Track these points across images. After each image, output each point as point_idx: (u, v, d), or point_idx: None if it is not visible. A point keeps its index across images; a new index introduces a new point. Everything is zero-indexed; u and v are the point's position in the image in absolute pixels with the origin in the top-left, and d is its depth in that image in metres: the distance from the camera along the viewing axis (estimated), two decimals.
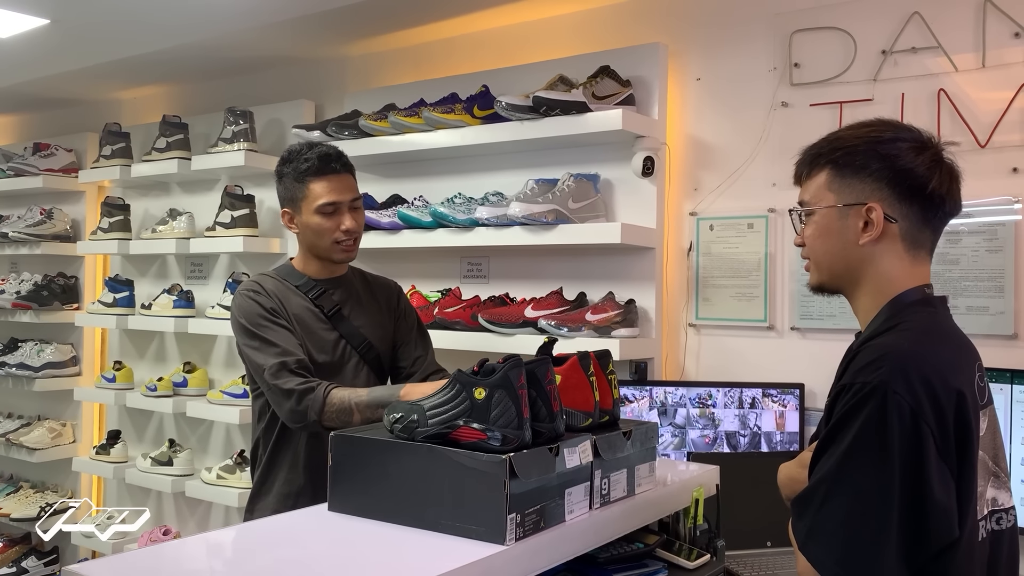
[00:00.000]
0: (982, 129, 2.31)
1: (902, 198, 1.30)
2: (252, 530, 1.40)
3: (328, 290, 2.18)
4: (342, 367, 2.14)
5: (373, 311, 2.25)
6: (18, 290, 4.28)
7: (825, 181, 1.35)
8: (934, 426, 1.16)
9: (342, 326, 2.16)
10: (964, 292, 2.32)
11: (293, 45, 3.53)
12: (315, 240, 2.14)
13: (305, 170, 2.12)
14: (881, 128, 1.34)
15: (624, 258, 2.76)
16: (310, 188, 2.11)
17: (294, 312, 2.12)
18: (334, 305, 2.17)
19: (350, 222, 2.13)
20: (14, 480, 4.60)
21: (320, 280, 2.19)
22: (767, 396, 2.53)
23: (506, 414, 1.33)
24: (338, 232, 2.12)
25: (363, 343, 2.18)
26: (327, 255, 2.16)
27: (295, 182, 2.13)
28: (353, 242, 2.17)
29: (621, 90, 2.67)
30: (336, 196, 2.12)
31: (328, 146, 2.19)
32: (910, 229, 1.31)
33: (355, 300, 2.23)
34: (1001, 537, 1.29)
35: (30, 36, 3.44)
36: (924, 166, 1.29)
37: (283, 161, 2.17)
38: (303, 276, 2.19)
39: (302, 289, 2.16)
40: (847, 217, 1.32)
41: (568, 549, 1.40)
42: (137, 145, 4.04)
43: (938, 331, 1.31)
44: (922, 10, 2.39)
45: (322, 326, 2.15)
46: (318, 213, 2.11)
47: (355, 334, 2.17)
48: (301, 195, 2.13)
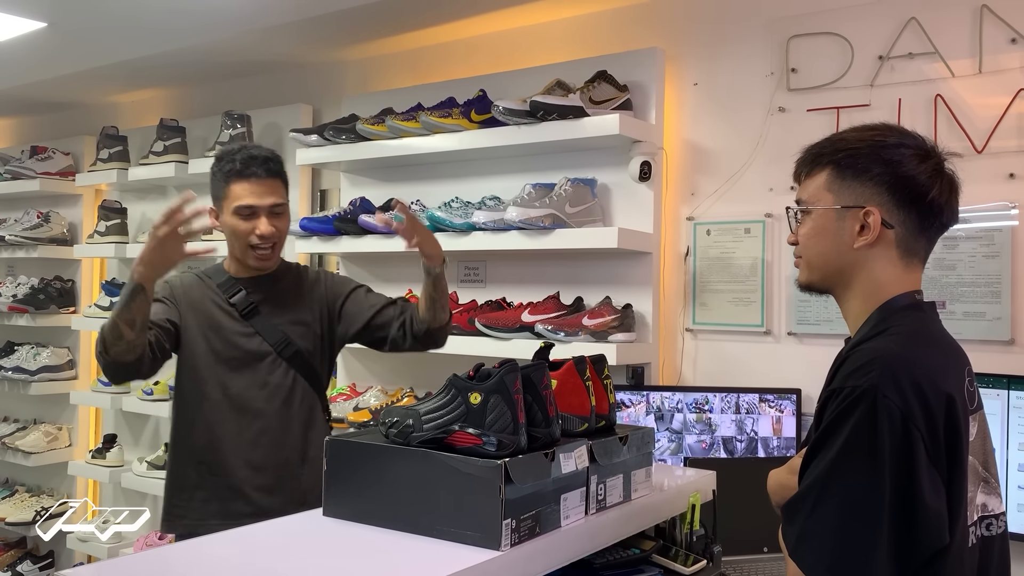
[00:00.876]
0: (979, 135, 2.31)
1: (901, 205, 1.29)
2: (246, 535, 1.39)
3: (245, 289, 2.19)
4: (255, 363, 2.16)
5: (299, 309, 2.24)
6: (14, 293, 4.27)
7: (825, 181, 1.34)
8: (924, 430, 1.15)
9: (257, 323, 2.17)
10: (961, 297, 2.32)
11: (291, 49, 3.53)
12: (233, 241, 2.16)
13: (228, 171, 2.13)
14: (886, 132, 1.33)
15: (621, 263, 2.76)
16: (231, 189, 2.12)
17: (201, 310, 2.16)
18: (249, 304, 2.18)
19: (266, 227, 2.12)
20: (10, 484, 4.59)
21: (240, 279, 2.21)
22: (764, 401, 2.53)
23: (502, 419, 1.33)
24: (252, 236, 2.12)
25: (280, 340, 2.18)
26: (242, 258, 2.17)
27: (220, 182, 2.15)
28: (271, 248, 2.16)
29: (618, 95, 2.67)
30: (254, 200, 2.11)
31: (260, 149, 2.19)
32: (906, 236, 1.31)
33: (278, 298, 2.22)
34: (991, 543, 1.28)
35: (27, 39, 3.43)
36: (926, 174, 1.28)
37: (216, 159, 2.19)
38: (225, 274, 2.22)
39: (221, 288, 2.19)
40: (844, 219, 1.32)
41: (564, 555, 1.40)
42: (134, 148, 4.04)
43: (928, 335, 1.30)
44: (919, 16, 2.40)
45: (235, 324, 2.17)
46: (235, 215, 2.12)
47: (271, 331, 2.18)
48: (223, 195, 2.14)
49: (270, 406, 2.16)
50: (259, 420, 2.15)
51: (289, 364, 2.19)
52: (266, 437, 2.16)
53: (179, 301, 2.16)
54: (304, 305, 2.26)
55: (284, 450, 2.17)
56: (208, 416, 2.14)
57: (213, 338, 2.15)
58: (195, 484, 2.15)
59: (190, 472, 2.16)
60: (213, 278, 2.22)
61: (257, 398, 2.15)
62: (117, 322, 1.91)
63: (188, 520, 2.14)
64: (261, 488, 2.14)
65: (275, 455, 2.16)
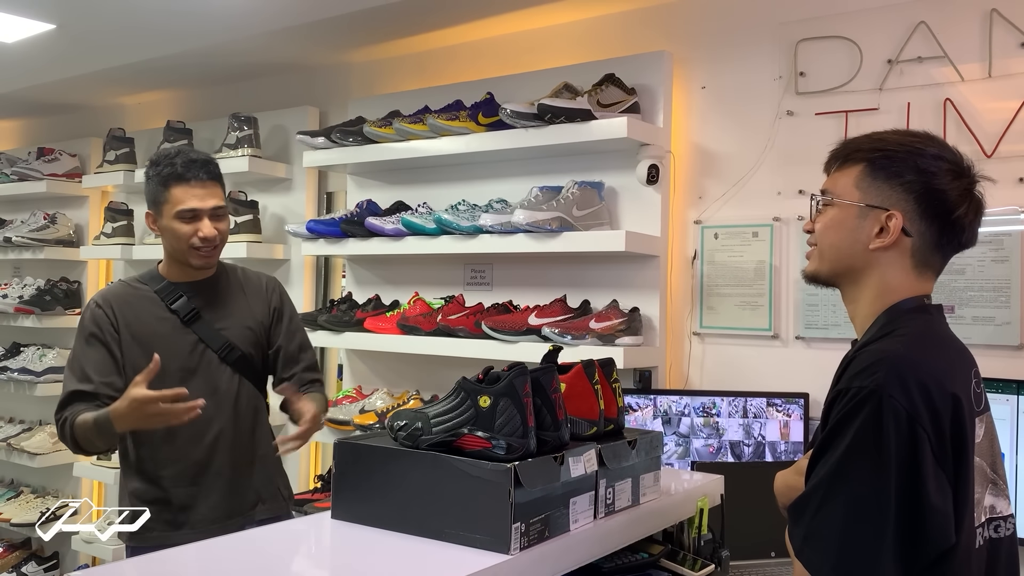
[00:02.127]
0: (988, 139, 2.31)
1: (924, 216, 1.29)
2: (254, 538, 1.39)
3: (185, 295, 2.19)
4: (198, 370, 2.16)
5: (241, 311, 2.24)
6: (21, 295, 4.28)
7: (856, 178, 1.34)
8: (930, 431, 1.15)
9: (199, 329, 2.17)
10: (970, 302, 2.31)
11: (298, 51, 3.53)
12: (174, 244, 2.15)
13: (168, 175, 2.12)
14: (926, 142, 1.32)
15: (628, 266, 2.75)
16: (171, 193, 2.12)
17: (143, 324, 2.14)
18: (191, 310, 2.17)
19: (208, 229, 2.13)
20: (15, 485, 4.59)
21: (180, 283, 2.20)
22: (771, 405, 2.52)
23: (511, 422, 1.32)
24: (195, 238, 2.12)
25: (223, 345, 2.18)
26: (184, 260, 2.17)
27: (159, 185, 2.14)
28: (213, 249, 2.16)
29: (626, 98, 2.67)
30: (196, 203, 2.12)
31: (197, 152, 2.21)
32: (922, 248, 1.30)
33: (219, 302, 2.23)
34: (999, 545, 1.28)
35: (36, 41, 3.44)
36: (956, 192, 1.28)
37: (151, 163, 2.18)
38: (163, 280, 2.21)
39: (160, 295, 2.18)
40: (865, 218, 1.32)
41: (572, 559, 1.39)
42: (141, 150, 4.05)
43: (934, 337, 1.30)
44: (928, 19, 2.39)
45: (177, 331, 2.16)
46: (177, 219, 2.12)
47: (214, 336, 2.18)
48: (163, 199, 2.13)
49: (221, 412, 2.16)
50: (212, 426, 2.15)
51: (233, 368, 2.20)
52: (221, 442, 2.17)
53: (117, 324, 2.13)
54: (246, 307, 2.26)
55: (236, 452, 2.19)
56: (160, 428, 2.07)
57: (158, 349, 2.08)
58: (154, 497, 2.14)
59: (147, 486, 2.15)
60: (149, 284, 2.20)
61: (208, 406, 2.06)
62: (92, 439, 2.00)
63: (156, 532, 2.11)
64: (218, 492, 2.16)
65: (229, 459, 2.17)
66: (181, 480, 2.14)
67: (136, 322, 2.14)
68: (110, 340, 2.12)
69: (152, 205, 2.17)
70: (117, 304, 2.16)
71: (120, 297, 2.18)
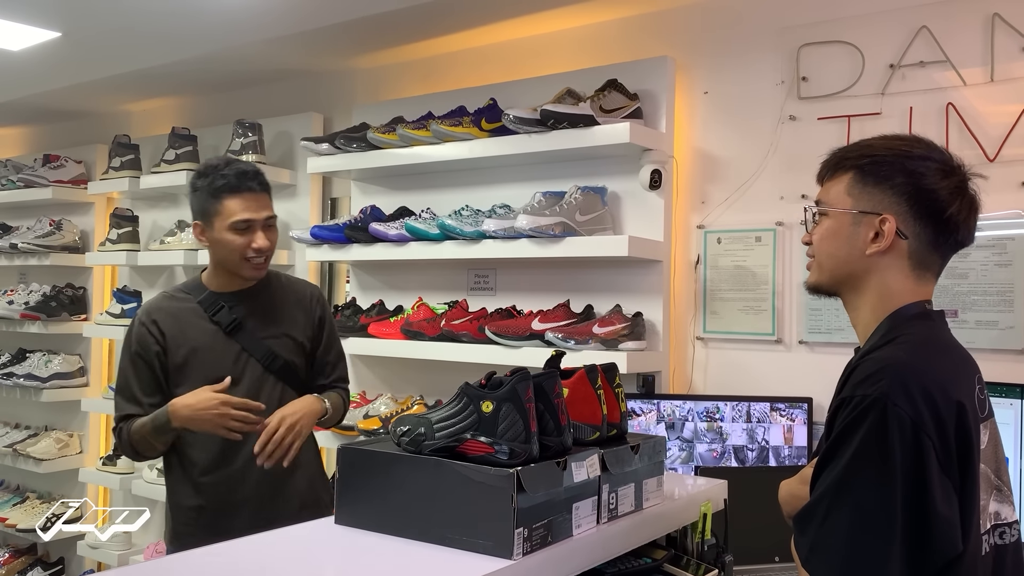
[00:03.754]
0: (991, 143, 2.31)
1: (918, 217, 1.29)
2: (257, 543, 1.40)
3: (228, 305, 2.19)
4: (242, 379, 2.16)
5: (284, 320, 2.26)
6: (27, 301, 4.30)
7: (846, 186, 1.34)
8: (935, 438, 1.15)
9: (242, 339, 2.18)
10: (973, 306, 2.31)
11: (302, 58, 3.55)
12: (225, 256, 2.16)
13: (221, 186, 2.12)
14: (913, 144, 1.33)
15: (631, 271, 2.76)
16: (224, 204, 2.12)
17: (186, 336, 2.16)
18: (232, 320, 2.18)
19: (262, 240, 2.14)
20: (21, 491, 4.60)
21: (223, 294, 2.21)
22: (775, 410, 2.52)
23: (514, 427, 1.32)
24: (249, 250, 2.14)
25: (266, 354, 2.19)
26: (236, 271, 2.17)
27: (209, 197, 2.14)
28: (264, 260, 2.18)
29: (629, 103, 2.67)
30: (250, 214, 2.13)
31: (246, 163, 2.22)
32: (919, 249, 1.31)
33: (262, 312, 2.23)
34: (1004, 552, 1.27)
35: (42, 49, 3.46)
36: (947, 191, 1.28)
37: (199, 175, 2.18)
38: (205, 291, 2.22)
39: (202, 306, 2.19)
40: (860, 224, 1.32)
41: (575, 564, 1.39)
42: (146, 157, 4.06)
43: (937, 343, 1.30)
44: (930, 24, 2.39)
45: (220, 342, 2.17)
46: (231, 230, 2.12)
47: (257, 346, 2.19)
48: (214, 211, 2.13)
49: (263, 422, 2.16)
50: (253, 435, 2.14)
51: (277, 377, 2.21)
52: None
53: (161, 340, 2.15)
54: (289, 316, 2.27)
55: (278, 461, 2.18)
56: (203, 436, 2.12)
57: (202, 360, 2.14)
58: (198, 504, 2.16)
59: (191, 492, 2.17)
60: (192, 295, 2.21)
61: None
62: (151, 441, 2.09)
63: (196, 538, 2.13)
64: (260, 499, 2.16)
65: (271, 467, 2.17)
66: (223, 487, 2.15)
67: (180, 334, 2.16)
68: (153, 358, 2.15)
69: (201, 216, 2.17)
70: (161, 318, 2.17)
71: (163, 310, 2.19)
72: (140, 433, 2.09)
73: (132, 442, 2.11)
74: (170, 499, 2.23)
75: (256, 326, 2.20)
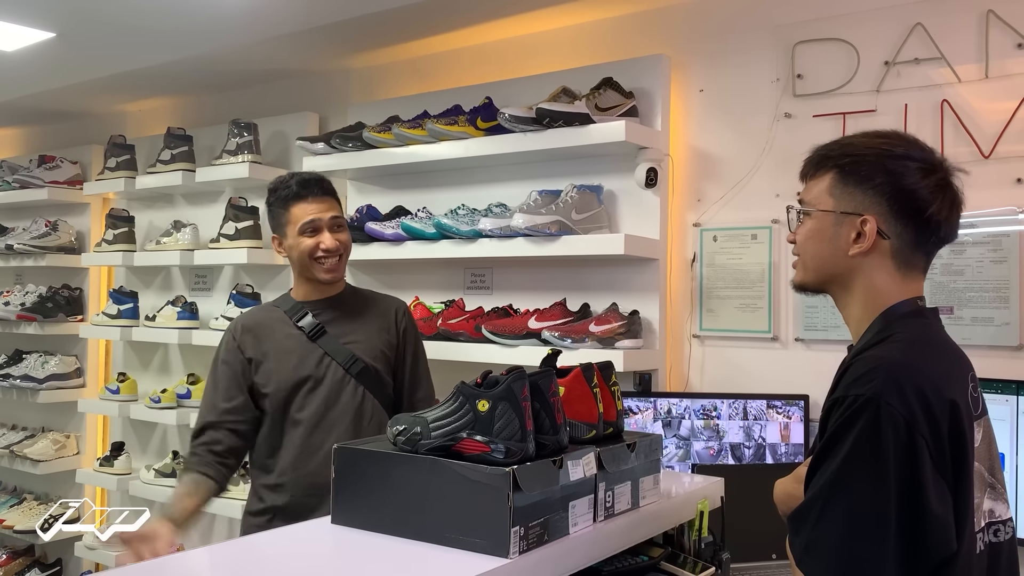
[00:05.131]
0: (986, 140, 2.31)
1: (899, 217, 1.29)
2: (255, 543, 1.40)
3: (313, 311, 2.27)
4: (323, 381, 2.21)
5: (366, 328, 2.30)
6: (23, 302, 4.29)
7: (828, 185, 1.34)
8: (929, 437, 1.15)
9: (325, 343, 2.24)
10: (969, 303, 2.32)
11: (297, 57, 3.54)
12: (301, 261, 2.24)
13: (287, 196, 2.24)
14: (894, 142, 1.32)
15: (628, 269, 2.76)
16: (291, 212, 2.22)
17: (273, 341, 2.23)
18: (316, 325, 2.24)
19: (329, 240, 2.21)
20: (18, 492, 4.60)
21: (307, 302, 2.29)
22: (772, 407, 2.52)
23: (509, 426, 1.32)
24: (318, 250, 2.21)
25: (349, 358, 2.23)
26: (312, 275, 2.25)
27: (279, 208, 2.25)
28: (337, 260, 2.25)
29: (624, 101, 2.67)
30: (315, 214, 2.21)
31: (309, 173, 2.34)
32: (902, 248, 1.30)
33: (344, 318, 2.29)
34: (999, 549, 1.27)
35: (36, 49, 3.45)
36: (928, 189, 1.28)
37: (270, 192, 2.30)
38: (292, 301, 2.30)
39: (288, 314, 2.27)
40: (841, 225, 1.32)
41: (572, 562, 1.39)
42: (142, 157, 4.06)
43: (930, 342, 1.30)
44: (925, 21, 2.40)
45: (303, 346, 2.23)
46: (300, 234, 2.21)
47: (340, 350, 2.24)
48: (285, 220, 2.24)
49: (340, 423, 2.20)
50: (331, 436, 2.17)
51: (358, 381, 2.25)
52: None
53: (244, 348, 2.23)
54: (372, 325, 2.32)
55: None
56: (285, 440, 2.20)
57: (284, 364, 2.21)
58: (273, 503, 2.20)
59: (269, 494, 2.21)
60: (280, 306, 2.31)
61: (329, 418, 2.20)
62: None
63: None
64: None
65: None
66: (299, 487, 2.18)
67: (267, 340, 2.24)
68: (236, 364, 2.23)
69: (276, 229, 2.28)
70: (250, 326, 2.27)
71: (253, 319, 2.30)
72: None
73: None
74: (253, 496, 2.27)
75: (338, 331, 2.26)
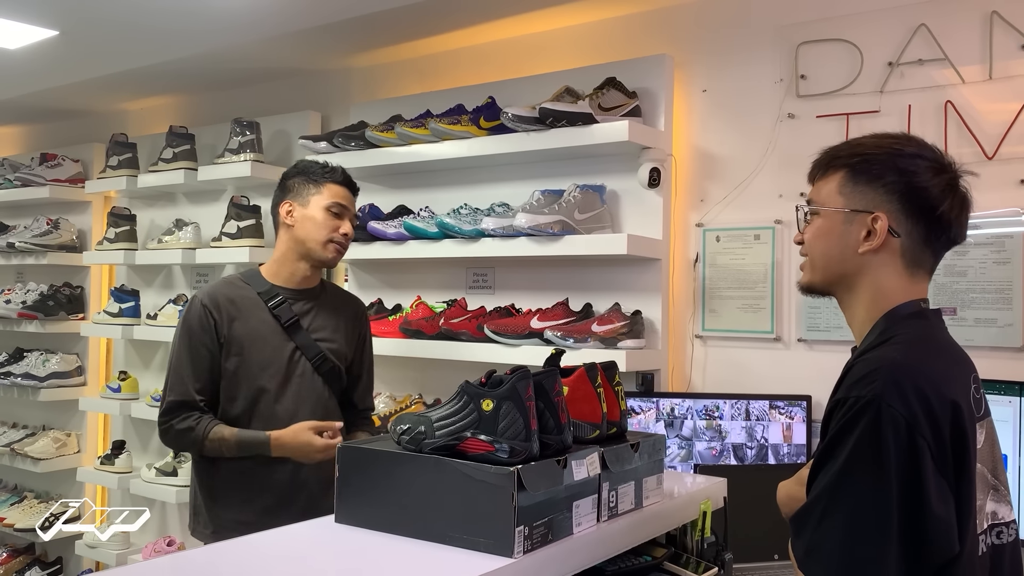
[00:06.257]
0: (989, 141, 2.31)
1: (909, 215, 1.29)
2: (257, 542, 1.39)
3: (289, 300, 2.25)
4: (291, 376, 2.22)
5: (336, 324, 2.32)
6: (24, 300, 4.29)
7: (838, 184, 1.35)
8: (930, 439, 1.15)
9: (298, 337, 2.23)
10: (971, 304, 2.32)
11: (299, 56, 3.54)
12: (312, 235, 2.24)
13: (326, 174, 2.29)
14: (904, 142, 1.33)
15: (630, 269, 2.76)
16: (326, 188, 2.26)
17: (246, 324, 2.20)
18: (292, 316, 2.24)
19: (349, 227, 2.29)
20: (18, 490, 4.60)
21: (284, 289, 2.27)
22: (774, 408, 2.52)
23: (514, 426, 1.32)
24: (336, 233, 2.26)
25: (317, 355, 2.25)
26: (318, 253, 2.25)
27: (312, 182, 2.27)
28: (343, 249, 2.31)
29: (627, 101, 2.67)
30: (346, 202, 2.30)
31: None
32: (912, 247, 1.30)
33: (317, 313, 2.30)
34: (1002, 551, 1.27)
35: (39, 47, 3.45)
36: (938, 188, 1.28)
37: (299, 170, 2.30)
38: (267, 283, 2.27)
39: (263, 297, 2.23)
40: (852, 223, 1.32)
41: (576, 562, 1.39)
42: (143, 156, 4.06)
43: (932, 343, 1.30)
44: (928, 22, 2.39)
45: (277, 336, 2.22)
46: (327, 210, 2.25)
47: (311, 345, 2.24)
48: (313, 192, 2.26)
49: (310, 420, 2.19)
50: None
51: (324, 379, 2.26)
52: None
53: (220, 325, 2.19)
54: (340, 324, 2.33)
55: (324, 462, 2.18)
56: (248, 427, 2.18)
57: (258, 350, 2.20)
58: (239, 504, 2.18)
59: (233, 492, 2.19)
60: (251, 284, 2.26)
61: (297, 412, 2.19)
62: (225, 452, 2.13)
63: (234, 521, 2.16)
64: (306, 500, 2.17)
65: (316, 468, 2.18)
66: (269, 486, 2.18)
67: (240, 322, 2.20)
68: (210, 342, 2.18)
69: (295, 196, 2.27)
70: (224, 302, 2.21)
71: (226, 296, 2.23)
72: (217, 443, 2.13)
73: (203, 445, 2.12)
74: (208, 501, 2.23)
75: (311, 327, 2.26)
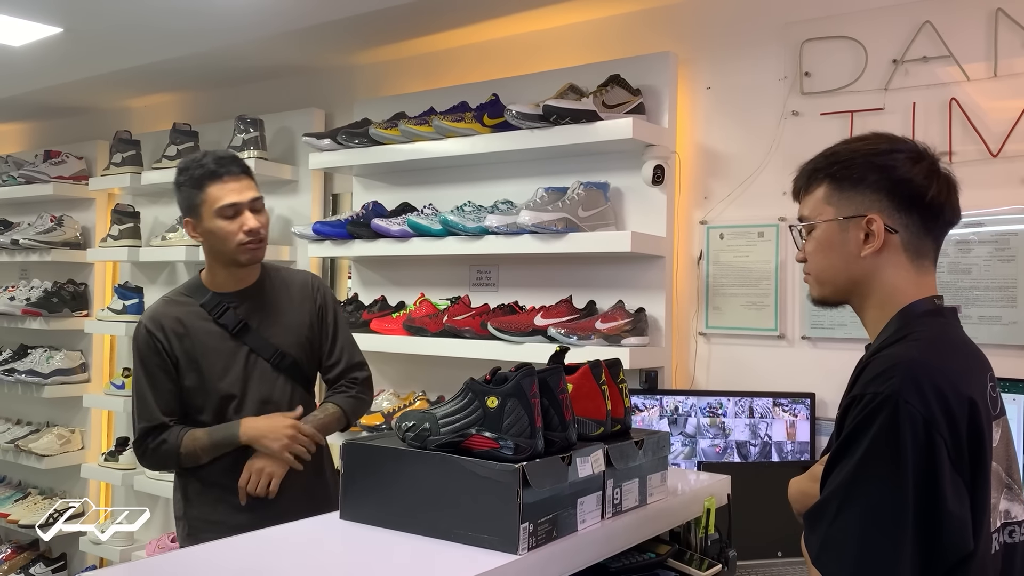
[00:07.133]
0: (994, 138, 2.30)
1: (902, 208, 1.30)
2: (262, 538, 1.40)
3: (232, 305, 2.17)
4: (250, 380, 2.15)
5: (288, 317, 2.23)
6: (28, 297, 4.29)
7: (823, 195, 1.35)
8: (947, 436, 1.15)
9: (249, 340, 2.16)
10: (976, 302, 2.31)
11: (303, 54, 3.54)
12: (219, 245, 2.13)
13: (201, 175, 2.11)
14: (876, 141, 1.34)
15: (634, 266, 2.76)
16: (207, 193, 2.10)
17: (194, 341, 2.13)
18: (238, 321, 2.16)
19: (252, 222, 2.12)
20: (23, 487, 4.61)
21: (225, 294, 2.18)
22: (778, 406, 2.52)
23: (519, 423, 1.33)
24: (241, 234, 2.10)
25: (274, 353, 2.18)
26: (233, 258, 2.13)
27: (193, 189, 2.12)
28: (259, 242, 2.14)
29: (631, 99, 2.67)
30: (235, 197, 2.10)
31: (223, 151, 2.21)
32: (912, 239, 1.31)
33: (265, 309, 2.21)
34: (1014, 550, 1.27)
35: (43, 44, 3.46)
36: (922, 175, 1.29)
37: (180, 171, 2.17)
38: (207, 292, 2.18)
39: (206, 308, 2.16)
40: (848, 230, 1.32)
41: (580, 559, 1.40)
42: (147, 153, 4.06)
43: (949, 341, 1.30)
44: (933, 19, 2.39)
45: (227, 344, 2.15)
46: (219, 216, 2.09)
47: (265, 346, 2.17)
48: (199, 200, 2.11)
49: None
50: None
51: (286, 376, 2.20)
52: None
53: (170, 347, 2.12)
54: (293, 311, 2.24)
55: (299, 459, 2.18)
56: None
57: (212, 363, 2.13)
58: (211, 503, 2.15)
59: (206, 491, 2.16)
60: (195, 297, 2.18)
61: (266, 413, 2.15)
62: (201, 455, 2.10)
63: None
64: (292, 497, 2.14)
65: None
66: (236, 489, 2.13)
67: (187, 340, 2.13)
68: (163, 363, 2.12)
69: (189, 211, 2.15)
70: (168, 324, 2.13)
71: (169, 316, 2.15)
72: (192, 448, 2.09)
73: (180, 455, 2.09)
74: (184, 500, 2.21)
75: (261, 325, 2.19)
